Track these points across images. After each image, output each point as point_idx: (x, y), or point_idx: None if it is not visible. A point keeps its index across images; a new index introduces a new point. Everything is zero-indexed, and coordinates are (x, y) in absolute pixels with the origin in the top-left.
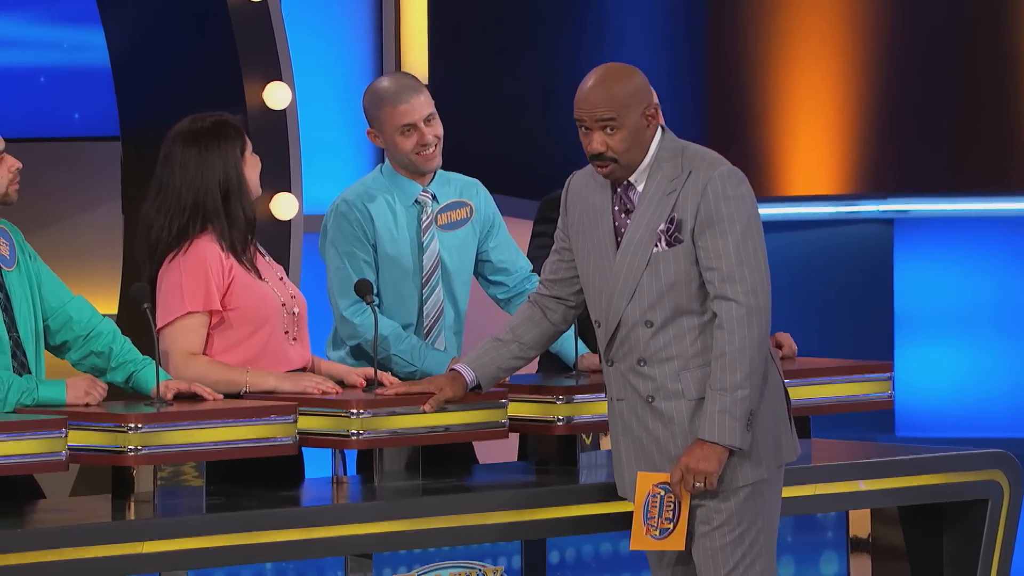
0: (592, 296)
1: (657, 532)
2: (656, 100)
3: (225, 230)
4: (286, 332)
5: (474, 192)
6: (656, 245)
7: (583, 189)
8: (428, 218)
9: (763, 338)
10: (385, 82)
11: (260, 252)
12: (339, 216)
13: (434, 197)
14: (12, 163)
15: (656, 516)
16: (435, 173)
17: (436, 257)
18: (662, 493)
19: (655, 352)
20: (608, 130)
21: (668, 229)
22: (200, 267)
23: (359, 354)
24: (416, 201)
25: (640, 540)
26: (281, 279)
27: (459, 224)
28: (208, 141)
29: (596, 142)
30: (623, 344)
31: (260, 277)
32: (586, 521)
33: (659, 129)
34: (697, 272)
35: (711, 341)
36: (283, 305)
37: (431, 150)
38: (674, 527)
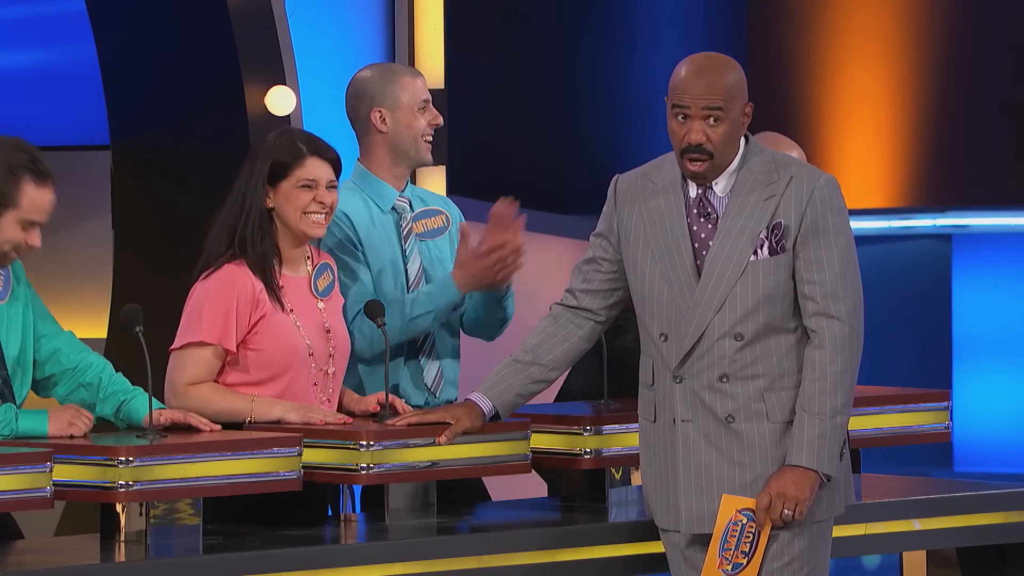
0: (655, 307)
1: (730, 567)
2: None
3: (249, 259)
4: (315, 384)
5: (446, 204)
6: (756, 253)
7: (638, 192)
8: (407, 225)
9: (858, 362)
10: (385, 63)
11: (315, 292)
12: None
13: (410, 204)
14: None
15: (733, 548)
16: (407, 181)
17: (419, 267)
18: (744, 520)
19: (741, 368)
20: (712, 121)
21: (774, 235)
22: (226, 298)
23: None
24: (393, 207)
25: (712, 573)
26: (328, 331)
27: (437, 233)
28: (258, 159)
29: (696, 131)
30: (701, 359)
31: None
32: (616, 563)
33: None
34: (793, 286)
35: (799, 361)
36: (311, 356)
37: (431, 138)
38: (748, 562)
